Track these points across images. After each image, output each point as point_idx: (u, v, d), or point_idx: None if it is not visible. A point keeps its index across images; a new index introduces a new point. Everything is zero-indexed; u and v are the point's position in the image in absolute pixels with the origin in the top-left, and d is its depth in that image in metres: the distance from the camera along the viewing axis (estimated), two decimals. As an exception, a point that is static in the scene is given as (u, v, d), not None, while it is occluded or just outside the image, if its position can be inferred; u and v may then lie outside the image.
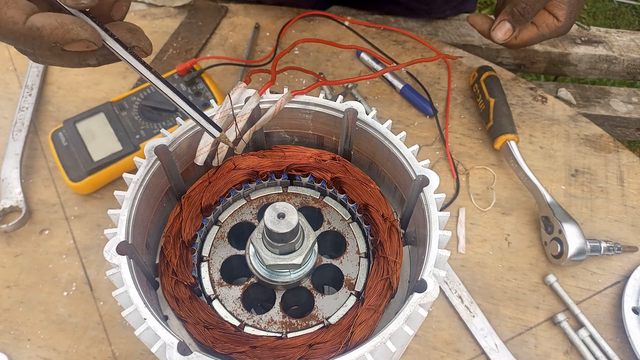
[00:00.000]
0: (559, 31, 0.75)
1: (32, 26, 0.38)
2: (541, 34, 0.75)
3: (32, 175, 0.81)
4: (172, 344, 0.39)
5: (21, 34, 0.37)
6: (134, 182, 0.47)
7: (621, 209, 0.79)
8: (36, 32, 0.38)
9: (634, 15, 2.32)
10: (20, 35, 0.38)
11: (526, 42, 0.76)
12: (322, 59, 0.95)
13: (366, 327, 0.46)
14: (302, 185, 0.57)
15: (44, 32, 0.38)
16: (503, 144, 0.81)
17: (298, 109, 0.55)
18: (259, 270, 0.49)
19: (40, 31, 0.38)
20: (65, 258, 0.74)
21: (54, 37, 0.38)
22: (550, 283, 0.72)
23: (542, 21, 0.74)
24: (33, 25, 0.38)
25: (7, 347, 0.68)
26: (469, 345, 0.68)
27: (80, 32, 0.39)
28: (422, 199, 0.47)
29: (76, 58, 0.42)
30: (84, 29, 0.39)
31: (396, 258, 0.49)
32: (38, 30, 0.38)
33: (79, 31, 0.39)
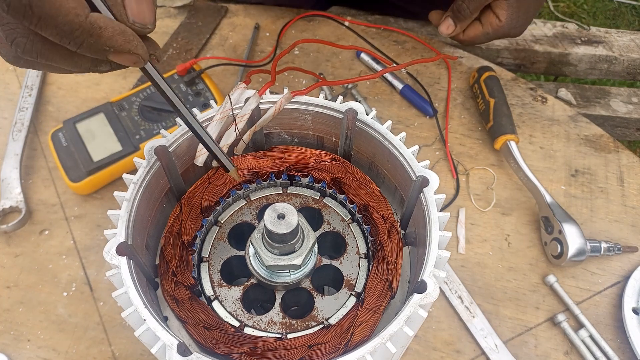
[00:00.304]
0: (502, 31, 0.80)
1: (94, 22, 0.36)
2: (485, 32, 0.81)
3: (32, 176, 0.81)
4: (171, 344, 0.39)
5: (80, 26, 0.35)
6: (133, 182, 0.47)
7: (621, 209, 0.79)
8: (97, 30, 0.36)
9: (634, 15, 2.32)
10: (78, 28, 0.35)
11: (472, 39, 0.82)
12: (322, 59, 0.95)
13: (366, 327, 0.46)
14: (302, 186, 0.57)
15: (104, 33, 0.36)
16: (503, 144, 0.81)
17: (298, 110, 0.55)
18: (259, 270, 0.49)
19: (102, 31, 0.36)
20: (65, 258, 0.74)
21: (112, 42, 0.37)
22: (550, 283, 0.72)
23: (487, 20, 0.80)
24: (95, 22, 0.36)
25: (7, 347, 0.68)
26: (469, 345, 0.68)
27: (139, 46, 0.38)
28: (422, 200, 0.47)
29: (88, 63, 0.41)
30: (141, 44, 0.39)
31: (396, 259, 0.49)
32: (99, 29, 0.36)
33: (137, 44, 0.38)
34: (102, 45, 0.37)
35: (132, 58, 0.39)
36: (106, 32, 0.36)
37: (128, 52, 0.38)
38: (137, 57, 0.39)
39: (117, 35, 0.37)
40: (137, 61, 0.39)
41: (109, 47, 0.37)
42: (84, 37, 0.36)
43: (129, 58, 0.39)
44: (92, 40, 0.36)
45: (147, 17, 0.38)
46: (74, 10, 0.35)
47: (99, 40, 0.36)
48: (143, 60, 0.39)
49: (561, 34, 1.04)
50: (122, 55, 0.38)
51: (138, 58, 0.39)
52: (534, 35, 1.04)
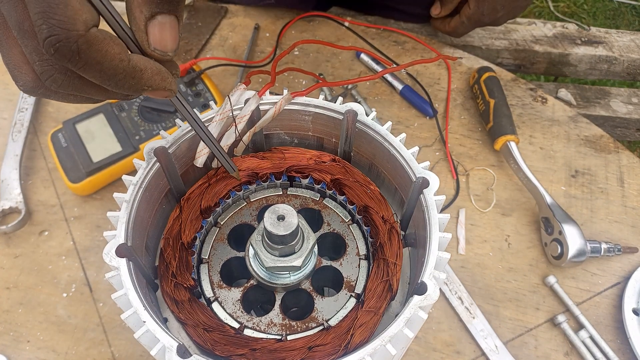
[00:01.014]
0: (474, 18, 0.90)
1: (135, 66, 0.37)
2: (461, 21, 0.92)
3: (32, 176, 0.81)
4: (171, 346, 0.39)
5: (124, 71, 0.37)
6: (133, 184, 0.47)
7: (621, 209, 0.79)
8: (138, 72, 0.37)
9: (634, 15, 2.32)
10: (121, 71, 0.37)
11: (454, 28, 0.94)
12: (321, 60, 0.95)
13: (366, 329, 0.46)
14: (302, 187, 0.56)
15: (144, 75, 0.38)
16: (503, 145, 0.81)
17: (298, 111, 0.55)
18: (259, 272, 0.49)
19: (142, 73, 0.38)
20: (65, 259, 0.74)
21: (151, 82, 0.39)
22: (551, 284, 0.72)
23: (463, 10, 0.92)
24: (137, 65, 0.37)
25: (6, 348, 0.68)
26: (469, 346, 0.68)
27: (172, 83, 0.40)
28: (422, 201, 0.47)
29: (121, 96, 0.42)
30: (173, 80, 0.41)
31: (396, 260, 0.49)
32: (140, 72, 0.38)
33: (171, 81, 0.40)
34: (142, 85, 0.38)
35: (165, 93, 0.41)
36: (146, 74, 0.38)
37: (164, 89, 0.40)
38: (170, 92, 0.41)
39: (155, 76, 0.39)
40: (169, 95, 0.41)
41: (147, 87, 0.39)
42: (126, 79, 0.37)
43: (163, 93, 0.41)
44: (133, 81, 0.38)
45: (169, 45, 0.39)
46: (119, 56, 0.36)
47: (140, 81, 0.38)
48: (174, 93, 0.42)
49: (561, 34, 1.04)
50: (158, 92, 0.40)
51: (171, 93, 0.41)
52: (534, 35, 1.04)
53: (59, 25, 0.33)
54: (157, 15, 0.37)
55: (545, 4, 2.22)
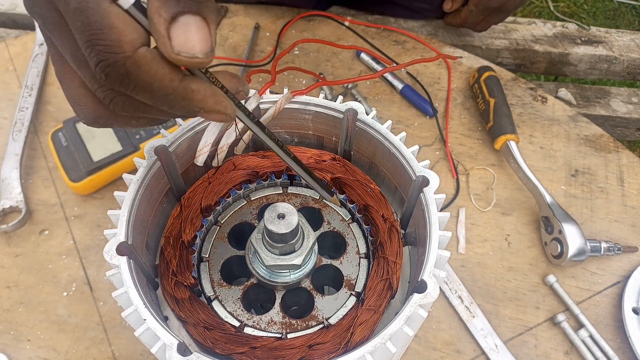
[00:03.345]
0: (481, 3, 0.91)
1: (187, 87, 0.36)
2: (470, 9, 0.94)
3: (32, 176, 0.81)
4: (171, 344, 0.39)
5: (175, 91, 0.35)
6: (133, 182, 0.47)
7: (621, 209, 0.79)
8: (190, 93, 0.36)
9: (634, 15, 2.32)
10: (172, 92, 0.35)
11: (465, 19, 0.96)
12: (322, 59, 0.95)
13: (366, 327, 0.46)
14: (302, 186, 0.57)
15: (196, 96, 0.37)
16: (503, 144, 0.81)
17: (298, 110, 0.55)
18: (259, 270, 0.49)
19: (194, 94, 0.36)
20: (65, 258, 0.74)
21: (203, 104, 0.37)
22: (551, 283, 0.72)
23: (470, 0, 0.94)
24: (188, 86, 0.36)
25: (6, 347, 0.68)
26: (469, 345, 0.68)
27: (228, 106, 0.39)
28: (422, 200, 0.47)
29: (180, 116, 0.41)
30: (230, 103, 0.39)
31: (396, 258, 0.49)
32: (192, 93, 0.36)
33: (227, 104, 0.38)
34: (194, 107, 0.37)
35: (221, 117, 0.39)
36: (198, 95, 0.37)
37: (217, 112, 0.38)
38: (225, 116, 0.39)
39: (208, 98, 0.37)
40: (225, 120, 0.40)
41: (199, 109, 0.37)
42: (177, 100, 0.36)
43: (218, 117, 0.39)
44: (184, 103, 0.37)
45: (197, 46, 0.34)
46: (169, 76, 0.35)
47: (192, 102, 0.37)
48: (231, 117, 0.40)
49: (561, 34, 1.04)
50: (212, 114, 0.39)
51: (227, 117, 0.39)
52: (534, 35, 1.04)
53: (105, 50, 0.33)
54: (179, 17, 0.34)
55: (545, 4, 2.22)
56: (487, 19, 0.94)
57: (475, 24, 0.96)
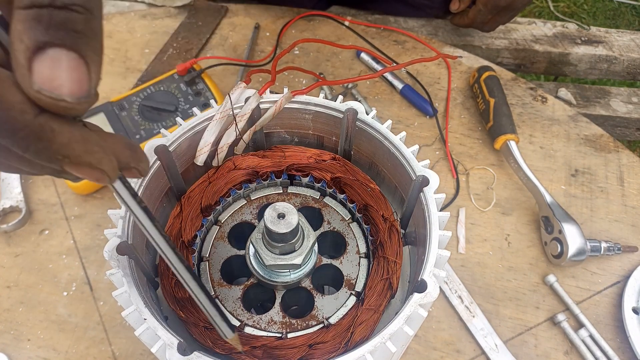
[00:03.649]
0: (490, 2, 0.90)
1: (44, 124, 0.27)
2: (478, 8, 0.92)
3: (32, 175, 0.81)
4: (172, 344, 0.39)
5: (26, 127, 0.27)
6: (134, 182, 0.47)
7: (621, 209, 0.79)
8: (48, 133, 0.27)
9: (634, 15, 2.32)
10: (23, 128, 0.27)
11: (473, 19, 0.95)
12: (322, 59, 0.95)
13: (366, 327, 0.46)
14: (302, 186, 0.57)
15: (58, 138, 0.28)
16: (503, 144, 0.81)
17: (298, 109, 0.55)
18: (259, 270, 0.49)
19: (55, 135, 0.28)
20: (65, 258, 0.74)
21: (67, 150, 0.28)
22: (550, 283, 0.72)
23: None
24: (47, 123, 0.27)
25: (7, 347, 0.68)
26: (469, 345, 0.68)
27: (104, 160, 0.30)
28: (422, 199, 0.47)
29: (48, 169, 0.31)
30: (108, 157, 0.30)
31: (396, 258, 0.49)
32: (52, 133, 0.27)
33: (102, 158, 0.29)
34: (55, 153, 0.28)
35: (94, 174, 0.30)
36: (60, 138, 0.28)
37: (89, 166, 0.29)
38: (100, 174, 0.30)
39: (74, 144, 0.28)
40: (101, 178, 0.30)
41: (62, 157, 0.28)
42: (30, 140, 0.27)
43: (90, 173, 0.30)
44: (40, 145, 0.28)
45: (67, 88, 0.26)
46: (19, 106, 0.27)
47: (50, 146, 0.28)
48: (109, 178, 0.31)
49: (561, 34, 1.04)
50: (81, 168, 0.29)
51: (102, 174, 0.30)
52: (534, 35, 1.04)
53: None
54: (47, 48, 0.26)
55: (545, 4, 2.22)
56: (496, 18, 0.93)
57: (483, 23, 0.95)
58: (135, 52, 0.96)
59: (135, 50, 0.96)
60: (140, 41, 0.97)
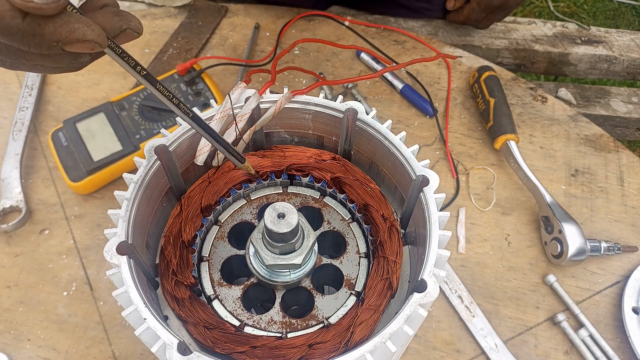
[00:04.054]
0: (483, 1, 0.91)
1: (32, 22, 0.34)
2: (472, 7, 0.94)
3: (32, 175, 0.81)
4: (172, 344, 0.39)
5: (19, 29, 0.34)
6: (134, 182, 0.47)
7: (621, 209, 0.79)
8: (37, 29, 0.34)
9: (634, 15, 2.32)
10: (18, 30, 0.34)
11: (467, 16, 0.97)
12: (322, 59, 0.95)
13: (366, 327, 0.46)
14: (302, 185, 0.57)
15: (45, 30, 0.34)
16: (503, 144, 0.81)
17: (298, 109, 0.55)
18: (259, 270, 0.49)
19: (41, 28, 0.34)
20: (65, 258, 0.74)
21: (57, 36, 0.35)
22: (550, 283, 0.72)
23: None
24: (34, 21, 0.34)
25: (7, 347, 0.68)
26: (469, 345, 0.68)
27: (87, 32, 0.35)
28: (422, 199, 0.47)
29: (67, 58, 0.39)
30: (90, 28, 0.35)
31: (396, 258, 0.49)
32: (38, 27, 0.34)
33: (85, 30, 0.35)
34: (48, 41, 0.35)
35: (87, 46, 0.36)
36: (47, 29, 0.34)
37: (78, 41, 0.35)
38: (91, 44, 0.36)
39: (59, 28, 0.35)
40: (94, 47, 0.36)
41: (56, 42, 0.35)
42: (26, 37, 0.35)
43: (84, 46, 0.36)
44: (35, 39, 0.35)
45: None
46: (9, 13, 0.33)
47: (44, 37, 0.35)
48: (100, 44, 0.36)
49: (561, 34, 1.04)
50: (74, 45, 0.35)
51: (92, 44, 0.36)
52: (534, 35, 1.04)
53: None
54: None
55: (545, 4, 2.22)
56: (490, 16, 0.95)
57: (477, 21, 0.97)
58: (135, 52, 0.96)
59: (135, 50, 0.96)
60: (140, 41, 0.97)
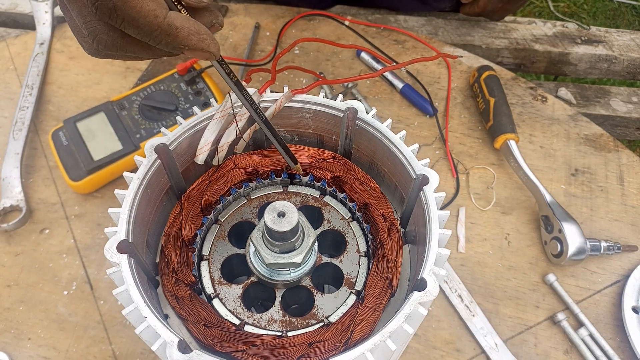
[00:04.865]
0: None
1: (171, 23, 0.39)
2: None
3: (33, 175, 0.81)
4: (172, 342, 0.39)
5: (159, 27, 0.38)
6: (134, 181, 0.48)
7: (621, 208, 0.79)
8: (174, 30, 0.39)
9: (634, 15, 2.32)
10: (157, 29, 0.38)
11: (484, 7, 0.95)
12: (322, 59, 0.95)
13: (366, 325, 0.46)
14: (302, 184, 0.57)
15: (180, 33, 0.39)
16: (503, 144, 0.81)
17: (298, 108, 0.55)
18: (259, 269, 0.49)
19: (178, 31, 0.39)
20: (66, 257, 0.74)
21: (187, 41, 0.40)
22: (550, 282, 0.72)
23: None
24: (172, 23, 0.39)
25: (7, 346, 0.68)
26: (468, 344, 0.68)
27: (211, 45, 0.41)
28: (422, 198, 0.47)
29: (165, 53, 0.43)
30: (213, 42, 0.41)
31: (396, 257, 0.49)
32: (176, 30, 0.39)
33: (210, 43, 0.41)
34: (179, 44, 0.40)
35: (205, 55, 0.41)
36: (182, 33, 0.39)
37: (201, 50, 0.41)
38: (209, 54, 0.41)
39: (192, 35, 0.40)
40: (209, 57, 0.42)
41: (184, 46, 0.40)
42: (162, 36, 0.39)
43: (202, 55, 0.41)
44: (169, 39, 0.39)
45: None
46: (153, 12, 0.38)
47: (176, 39, 0.39)
48: (214, 56, 0.42)
49: (561, 34, 1.04)
50: (196, 52, 0.41)
51: (210, 55, 0.42)
52: (534, 34, 1.04)
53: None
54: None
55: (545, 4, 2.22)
56: (506, 6, 0.93)
57: (493, 12, 0.95)
58: (135, 52, 0.96)
59: (136, 49, 0.96)
60: (141, 41, 0.97)
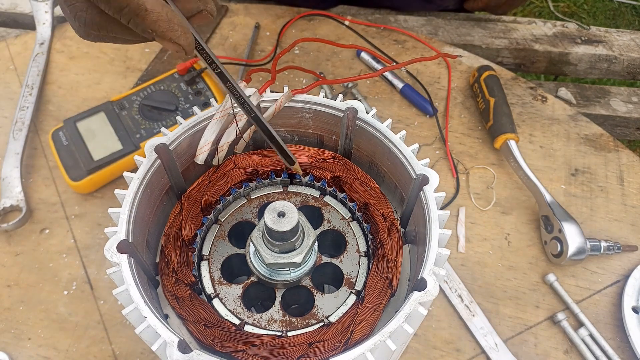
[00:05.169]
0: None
1: (141, 4, 0.37)
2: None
3: (33, 175, 0.81)
4: (172, 342, 0.39)
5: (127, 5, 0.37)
6: (134, 181, 0.48)
7: (621, 208, 0.79)
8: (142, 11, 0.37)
9: (634, 15, 2.32)
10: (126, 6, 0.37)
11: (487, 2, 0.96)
12: (322, 59, 0.95)
13: (366, 325, 0.46)
14: (302, 184, 0.57)
15: (148, 16, 0.37)
16: (503, 144, 0.81)
17: (298, 108, 0.55)
18: (259, 269, 0.49)
19: (147, 13, 0.37)
20: (66, 257, 0.74)
21: (154, 26, 0.38)
22: (550, 282, 0.72)
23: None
24: (143, 4, 0.37)
25: (7, 346, 0.68)
26: (468, 344, 0.68)
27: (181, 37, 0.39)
28: (422, 198, 0.47)
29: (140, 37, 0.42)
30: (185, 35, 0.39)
31: (396, 257, 0.49)
32: (145, 11, 0.37)
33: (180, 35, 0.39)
34: (146, 27, 0.38)
35: (174, 47, 0.39)
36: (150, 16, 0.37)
37: (169, 40, 0.39)
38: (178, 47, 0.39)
39: (160, 22, 0.38)
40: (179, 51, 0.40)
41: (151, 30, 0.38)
42: (130, 15, 0.37)
43: (170, 46, 0.39)
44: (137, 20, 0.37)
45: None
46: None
47: (144, 21, 0.37)
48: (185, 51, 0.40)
49: (561, 34, 1.04)
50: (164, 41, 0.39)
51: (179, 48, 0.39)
52: (534, 34, 1.04)
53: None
54: None
55: (545, 4, 2.22)
56: (509, 1, 0.94)
57: (498, 7, 0.95)
58: (135, 52, 0.96)
59: (136, 49, 0.96)
60: (141, 41, 0.97)
